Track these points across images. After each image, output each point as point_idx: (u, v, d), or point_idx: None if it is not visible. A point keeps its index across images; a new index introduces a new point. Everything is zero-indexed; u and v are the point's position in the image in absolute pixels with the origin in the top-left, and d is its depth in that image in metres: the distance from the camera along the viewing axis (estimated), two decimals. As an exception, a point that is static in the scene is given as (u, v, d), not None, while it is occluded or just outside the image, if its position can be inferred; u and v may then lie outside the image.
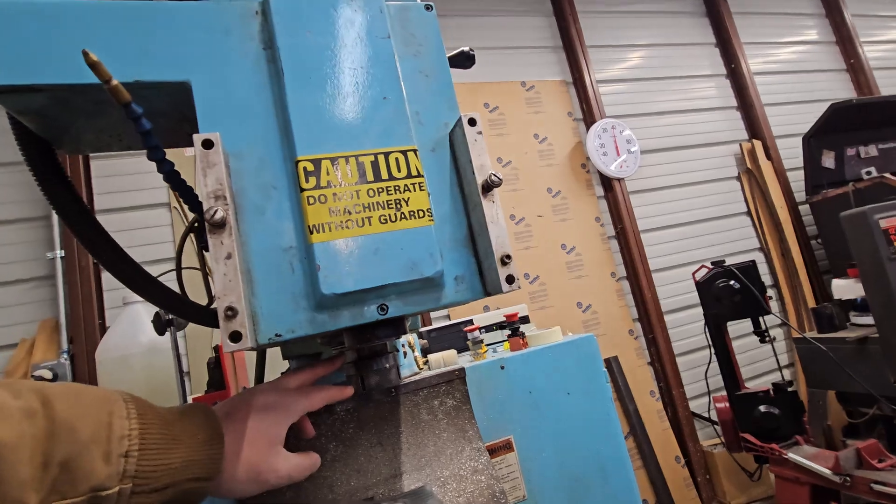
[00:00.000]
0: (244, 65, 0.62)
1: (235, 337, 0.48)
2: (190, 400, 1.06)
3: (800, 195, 3.90)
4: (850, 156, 3.68)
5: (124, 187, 2.66)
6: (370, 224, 0.58)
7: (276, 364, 1.12)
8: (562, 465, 0.99)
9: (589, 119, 3.59)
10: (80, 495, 0.43)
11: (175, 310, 0.80)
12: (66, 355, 2.31)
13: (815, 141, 3.61)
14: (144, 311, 1.17)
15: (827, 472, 1.94)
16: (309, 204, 0.57)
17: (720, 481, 3.08)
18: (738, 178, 3.99)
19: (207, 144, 0.52)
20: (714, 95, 4.09)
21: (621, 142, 3.54)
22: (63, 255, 2.43)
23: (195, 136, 0.52)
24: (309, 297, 0.57)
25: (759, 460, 2.31)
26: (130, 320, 1.16)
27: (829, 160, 3.64)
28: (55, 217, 2.48)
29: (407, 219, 0.59)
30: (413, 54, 0.69)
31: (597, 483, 1.00)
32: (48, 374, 2.20)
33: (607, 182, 3.55)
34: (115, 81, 0.52)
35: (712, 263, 2.44)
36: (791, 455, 2.09)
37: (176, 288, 0.83)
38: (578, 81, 3.66)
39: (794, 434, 2.20)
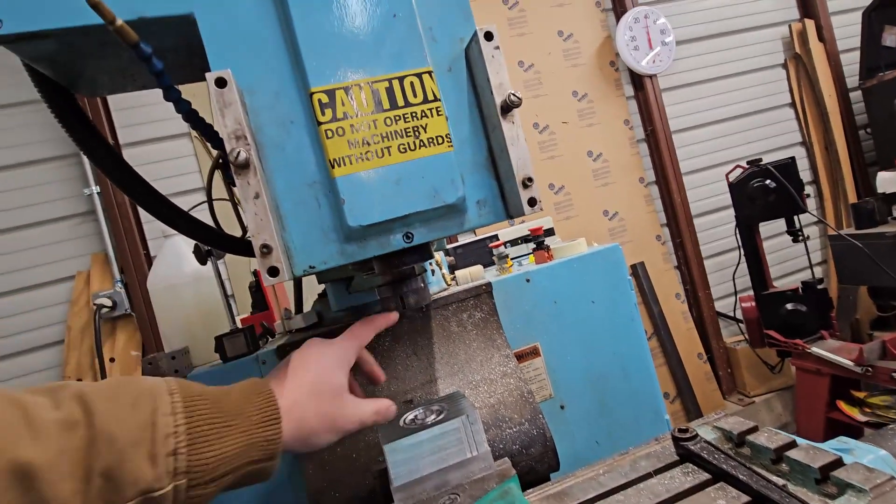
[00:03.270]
0: (245, -12, 0.58)
1: (273, 272, 0.52)
2: (238, 322, 1.14)
3: (851, 80, 3.57)
4: (916, 30, 3.28)
5: (145, 119, 2.65)
6: (390, 154, 0.58)
7: (313, 286, 1.19)
8: (586, 366, 1.06)
9: (619, 8, 3.27)
10: (129, 500, 0.43)
11: (209, 242, 0.84)
12: (120, 284, 2.49)
13: (876, 15, 3.22)
14: (184, 244, 1.23)
15: (849, 363, 1.99)
16: (328, 137, 0.56)
17: (741, 374, 3.21)
18: (784, 66, 3.65)
19: (221, 83, 0.51)
20: (763, -32, 3.62)
21: (654, 33, 3.24)
22: (98, 190, 2.52)
23: (207, 75, 0.51)
24: (337, 230, 0.59)
25: (782, 354, 2.38)
26: (173, 252, 1.22)
27: (890, 38, 3.26)
28: (84, 154, 2.52)
29: (426, 146, 0.59)
30: (421, -41, 0.63)
31: (619, 380, 1.07)
32: (108, 302, 2.40)
33: (638, 80, 3.32)
34: (119, 21, 0.51)
35: (748, 163, 2.33)
36: (814, 349, 2.14)
37: (209, 220, 0.86)
38: (607, -36, 3.28)
39: (820, 329, 2.24)
